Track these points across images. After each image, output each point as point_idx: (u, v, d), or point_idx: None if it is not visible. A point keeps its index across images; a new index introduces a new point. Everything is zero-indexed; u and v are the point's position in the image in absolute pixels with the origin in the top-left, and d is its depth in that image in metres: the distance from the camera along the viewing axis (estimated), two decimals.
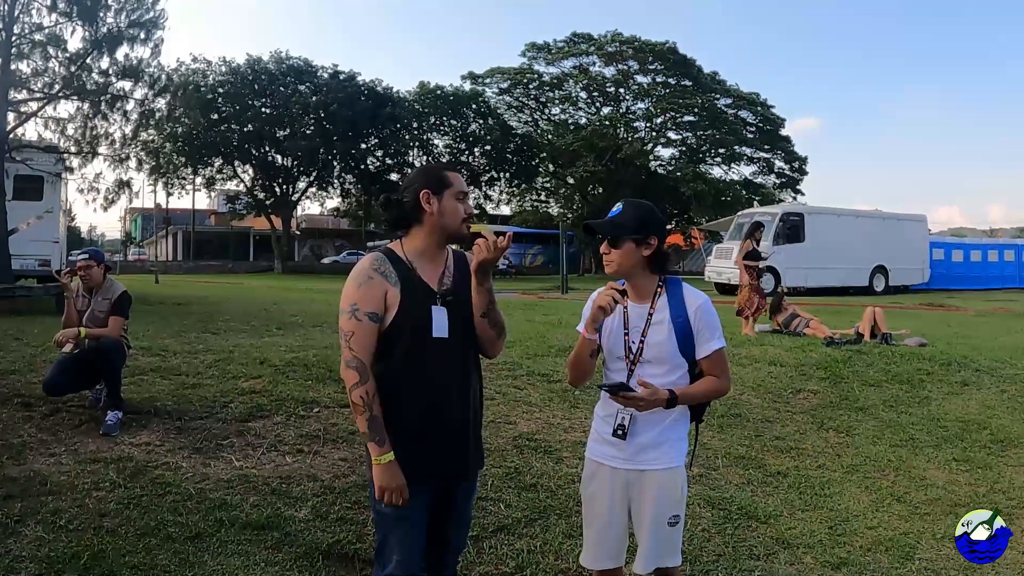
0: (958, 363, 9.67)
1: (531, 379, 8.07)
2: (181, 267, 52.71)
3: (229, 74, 46.93)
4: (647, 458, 3.07)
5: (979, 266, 36.72)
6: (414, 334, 2.82)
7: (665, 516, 3.06)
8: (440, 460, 2.90)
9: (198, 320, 12.13)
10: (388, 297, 2.80)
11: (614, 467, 3.11)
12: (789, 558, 4.63)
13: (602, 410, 3.21)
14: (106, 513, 4.46)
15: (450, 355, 2.90)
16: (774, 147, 56.51)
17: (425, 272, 2.90)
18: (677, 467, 3.10)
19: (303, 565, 4.06)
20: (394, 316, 2.80)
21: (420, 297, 2.85)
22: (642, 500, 3.08)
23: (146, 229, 78.55)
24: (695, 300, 3.08)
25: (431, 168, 3.04)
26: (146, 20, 18.57)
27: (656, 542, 3.07)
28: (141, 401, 6.52)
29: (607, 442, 3.13)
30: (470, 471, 3.05)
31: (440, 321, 2.86)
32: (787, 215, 29.70)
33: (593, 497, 3.19)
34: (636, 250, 3.03)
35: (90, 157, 18.87)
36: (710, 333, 3.06)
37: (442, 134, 54.63)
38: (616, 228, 3.04)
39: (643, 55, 52.58)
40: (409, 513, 2.86)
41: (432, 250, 2.93)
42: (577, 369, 3.16)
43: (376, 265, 2.85)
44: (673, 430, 3.11)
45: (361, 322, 2.78)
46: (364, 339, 2.78)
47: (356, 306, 2.79)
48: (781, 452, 6.59)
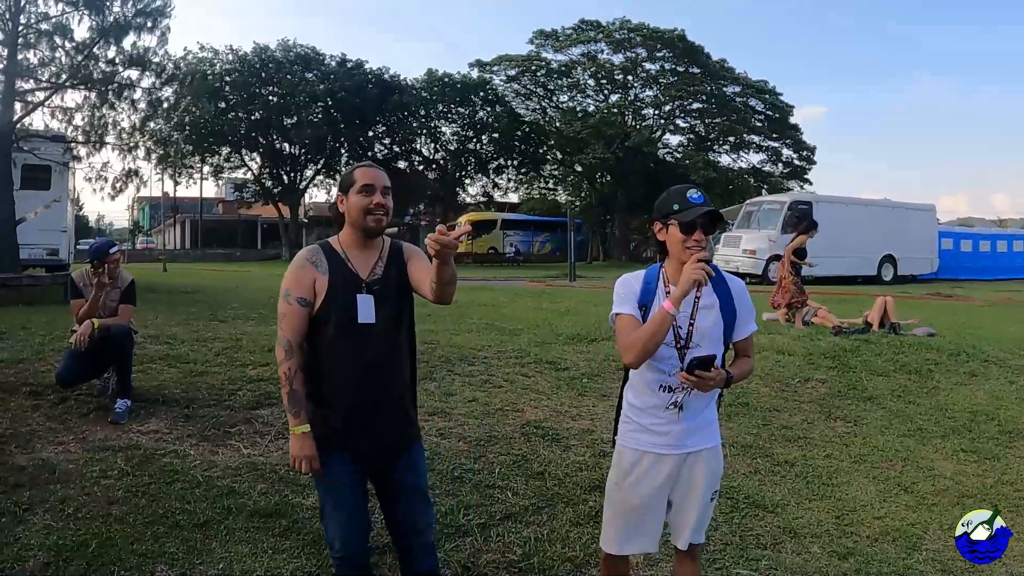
0: (966, 353, 9.64)
1: (539, 367, 8.07)
2: (189, 255, 52.80)
3: (236, 62, 47.00)
4: (694, 440, 3.12)
5: (988, 256, 36.58)
6: (340, 319, 3.04)
7: (710, 492, 3.18)
8: (363, 433, 3.08)
9: (206, 308, 12.14)
10: (317, 285, 3.05)
11: (660, 454, 3.11)
12: (796, 547, 4.63)
13: (639, 399, 3.15)
14: (114, 501, 4.49)
15: (376, 339, 3.08)
16: (782, 135, 56.29)
17: (357, 261, 3.12)
18: (718, 445, 3.22)
19: (311, 552, 4.07)
20: (322, 302, 3.04)
21: (346, 285, 3.06)
22: (690, 480, 3.14)
23: (154, 218, 78.67)
24: (737, 286, 3.18)
25: (347, 171, 3.25)
26: (153, 9, 18.51)
27: (699, 518, 3.17)
28: (149, 389, 6.55)
29: (650, 431, 3.12)
30: (398, 445, 3.19)
31: (366, 307, 3.07)
32: (796, 203, 29.55)
33: (635, 485, 3.15)
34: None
35: (98, 146, 18.80)
36: (749, 316, 3.17)
37: (450, 122, 54.65)
38: (716, 225, 3.06)
39: (651, 42, 52.33)
40: (340, 491, 3.10)
41: (359, 242, 3.15)
42: (651, 348, 2.97)
43: (310, 256, 3.12)
44: (712, 411, 3.21)
45: (292, 305, 3.04)
46: (293, 321, 3.04)
47: (288, 291, 3.06)
48: (788, 441, 6.58)
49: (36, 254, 17.74)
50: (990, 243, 37.36)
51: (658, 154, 55.32)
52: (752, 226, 29.41)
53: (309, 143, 47.51)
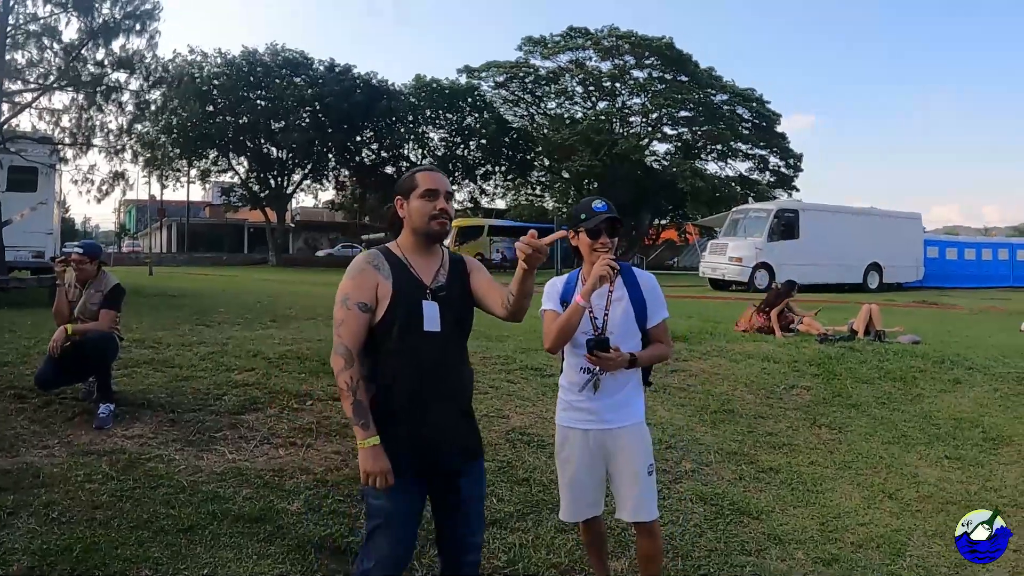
0: (951, 361, 9.69)
1: (524, 373, 8.07)
2: (175, 259, 52.56)
3: (225, 66, 46.91)
4: (616, 417, 3.52)
5: (973, 264, 36.82)
6: (405, 326, 2.91)
7: (644, 464, 3.52)
8: (429, 450, 2.95)
9: (192, 312, 12.08)
10: (379, 290, 2.93)
11: (585, 429, 3.54)
12: (781, 554, 4.65)
13: (567, 379, 3.64)
14: (99, 506, 4.46)
15: (442, 348, 2.98)
16: (769, 144, 56.47)
17: (419, 267, 3.02)
18: (641, 421, 3.60)
19: (295, 558, 4.07)
20: (386, 308, 2.91)
21: (411, 291, 2.95)
22: (618, 455, 3.52)
23: (140, 221, 78.27)
24: (646, 280, 3.63)
25: (406, 174, 3.16)
26: (142, 11, 18.51)
27: (639, 490, 3.49)
28: (134, 393, 6.51)
29: (575, 408, 3.58)
30: (465, 461, 3.07)
31: (431, 314, 2.95)
32: (782, 211, 29.71)
33: (568, 459, 3.61)
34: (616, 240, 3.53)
35: (84, 148, 18.78)
36: (658, 306, 3.61)
37: (438, 127, 54.60)
38: (620, 229, 3.52)
39: (639, 50, 52.53)
40: (400, 507, 2.92)
41: (421, 247, 3.06)
42: (567, 335, 3.43)
43: (371, 260, 3.00)
44: (634, 391, 3.59)
45: (350, 311, 2.90)
46: (352, 327, 2.90)
47: (347, 296, 2.92)
48: (773, 448, 6.60)
49: (22, 256, 17.60)
50: (975, 251, 37.60)
51: (645, 162, 55.42)
52: (739, 234, 29.54)
53: (296, 148, 47.44)
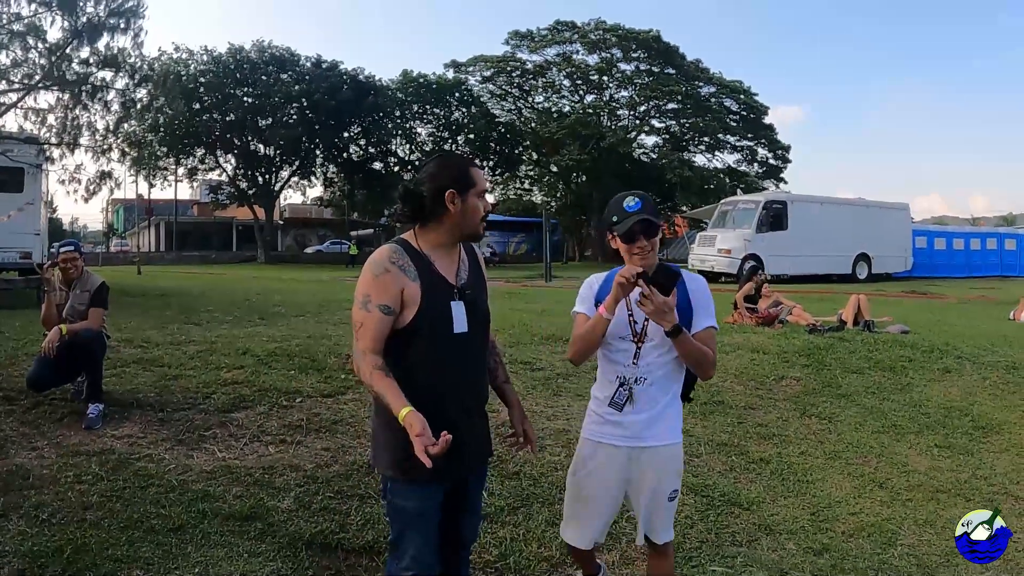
0: (940, 350, 9.72)
1: (513, 367, 8.05)
2: (164, 258, 52.50)
3: (211, 63, 46.82)
4: (649, 435, 3.16)
5: (961, 254, 37.08)
6: (435, 330, 2.76)
7: (667, 491, 3.21)
8: (458, 456, 2.72)
9: (180, 311, 12.05)
10: (406, 293, 2.71)
11: (615, 445, 3.20)
12: (772, 544, 4.65)
13: (600, 391, 3.28)
14: (89, 506, 4.45)
15: (469, 349, 2.87)
16: (757, 135, 56.68)
17: (442, 265, 2.83)
18: (677, 443, 3.24)
19: (286, 555, 4.06)
20: (415, 313, 2.72)
21: (440, 293, 2.78)
22: (643, 476, 3.19)
23: (128, 220, 78.06)
24: (694, 282, 3.24)
25: (456, 164, 2.90)
26: (126, 9, 18.36)
27: (657, 516, 3.22)
28: (123, 393, 6.49)
29: (608, 421, 3.22)
30: (478, 465, 3.06)
31: (460, 316, 2.81)
32: (770, 203, 29.81)
33: (591, 475, 3.27)
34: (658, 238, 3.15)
35: (71, 148, 18.66)
36: (705, 312, 3.20)
37: (425, 123, 54.60)
38: (658, 226, 3.13)
39: (627, 43, 52.65)
40: (428, 508, 2.83)
41: (448, 245, 2.87)
42: (590, 347, 3.19)
43: (394, 258, 2.75)
44: (671, 407, 3.22)
45: (371, 313, 2.69)
46: (374, 331, 2.69)
47: (369, 297, 2.70)
48: (764, 439, 6.61)
49: (9, 258, 17.51)
50: (963, 241, 37.89)
51: (633, 154, 55.61)
52: (727, 225, 29.64)
53: (284, 144, 47.39)
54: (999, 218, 79.92)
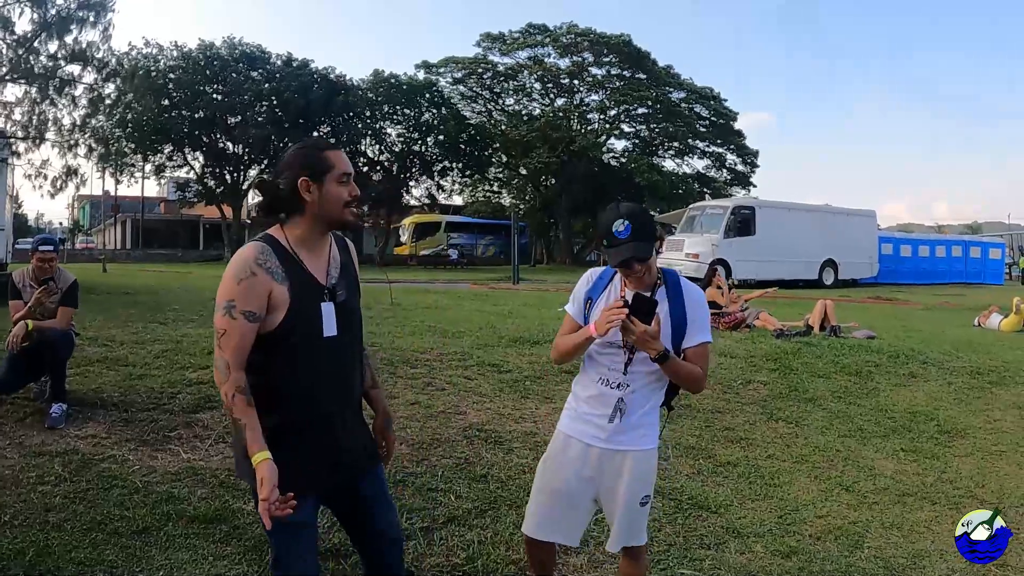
0: (906, 355, 9.83)
1: (481, 369, 8.05)
2: (130, 256, 51.92)
3: (181, 59, 46.30)
4: (627, 439, 3.14)
5: (927, 261, 37.57)
6: (304, 335, 2.61)
7: (639, 496, 3.16)
8: (331, 463, 2.71)
9: (146, 310, 11.91)
10: (274, 296, 2.55)
11: (588, 444, 3.18)
12: (739, 547, 4.67)
13: (583, 390, 3.25)
14: (51, 508, 4.39)
15: (339, 353, 2.72)
16: (726, 141, 57.07)
17: (312, 264, 2.67)
18: (653, 448, 3.21)
19: (252, 559, 4.01)
20: (283, 317, 2.56)
21: (309, 295, 2.63)
22: (617, 480, 3.15)
23: (94, 217, 77.12)
24: (692, 294, 3.20)
25: (309, 149, 2.70)
26: (95, 2, 18.21)
27: (628, 521, 3.17)
28: (87, 392, 6.41)
29: (584, 420, 3.21)
30: (366, 465, 2.89)
31: (330, 319, 2.66)
32: (738, 208, 30.07)
33: (557, 468, 3.25)
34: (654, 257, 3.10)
35: (37, 143, 18.47)
36: (701, 327, 3.16)
37: (395, 123, 54.31)
38: (651, 245, 3.05)
39: (598, 47, 52.75)
40: (309, 519, 2.72)
41: (315, 238, 2.69)
42: (572, 356, 3.23)
43: (260, 259, 2.56)
44: (652, 414, 3.21)
45: (236, 320, 2.51)
46: (237, 339, 2.51)
47: (232, 303, 2.51)
48: (731, 442, 6.64)
49: None
50: (929, 248, 38.39)
51: (603, 159, 55.69)
52: (695, 230, 29.81)
53: (253, 143, 46.98)
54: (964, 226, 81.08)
